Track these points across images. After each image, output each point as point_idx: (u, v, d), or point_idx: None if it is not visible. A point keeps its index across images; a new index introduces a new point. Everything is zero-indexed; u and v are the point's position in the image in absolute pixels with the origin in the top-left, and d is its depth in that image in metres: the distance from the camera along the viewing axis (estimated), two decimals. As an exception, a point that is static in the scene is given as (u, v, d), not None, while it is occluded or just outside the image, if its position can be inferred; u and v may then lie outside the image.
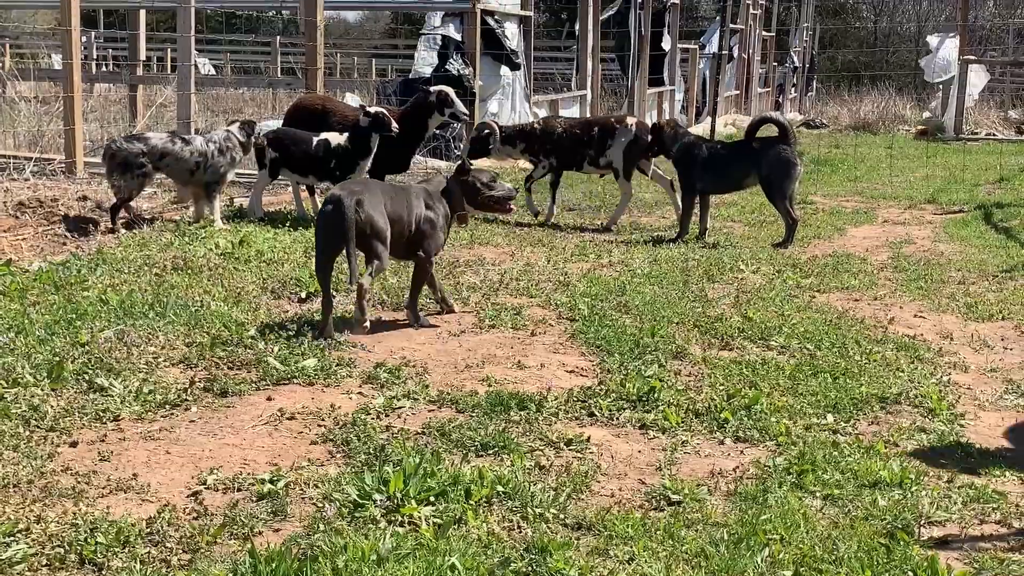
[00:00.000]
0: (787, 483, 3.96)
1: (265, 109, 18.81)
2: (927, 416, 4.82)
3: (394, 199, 5.96)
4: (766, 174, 9.04)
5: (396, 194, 6.04)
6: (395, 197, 5.99)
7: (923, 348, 5.88)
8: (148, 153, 8.28)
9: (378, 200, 5.83)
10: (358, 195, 5.73)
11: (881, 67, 38.52)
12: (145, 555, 3.25)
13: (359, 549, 3.24)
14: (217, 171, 8.55)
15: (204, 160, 8.49)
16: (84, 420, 4.35)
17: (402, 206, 5.97)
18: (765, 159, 9.03)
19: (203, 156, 8.49)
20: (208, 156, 8.51)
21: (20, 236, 7.94)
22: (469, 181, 6.21)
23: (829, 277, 7.71)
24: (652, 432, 4.52)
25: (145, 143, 8.36)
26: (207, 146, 8.53)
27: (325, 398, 4.77)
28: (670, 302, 6.68)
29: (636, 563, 3.30)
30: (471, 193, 6.22)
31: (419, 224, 6.03)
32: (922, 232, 10.14)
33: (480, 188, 6.22)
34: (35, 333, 5.33)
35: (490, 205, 6.33)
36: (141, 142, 8.38)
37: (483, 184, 6.23)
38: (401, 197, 6.02)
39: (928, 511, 3.73)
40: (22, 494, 3.63)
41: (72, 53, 10.17)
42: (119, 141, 8.43)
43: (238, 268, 7.13)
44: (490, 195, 6.23)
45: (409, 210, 6.00)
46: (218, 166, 8.55)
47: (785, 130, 9.17)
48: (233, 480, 3.83)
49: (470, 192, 6.22)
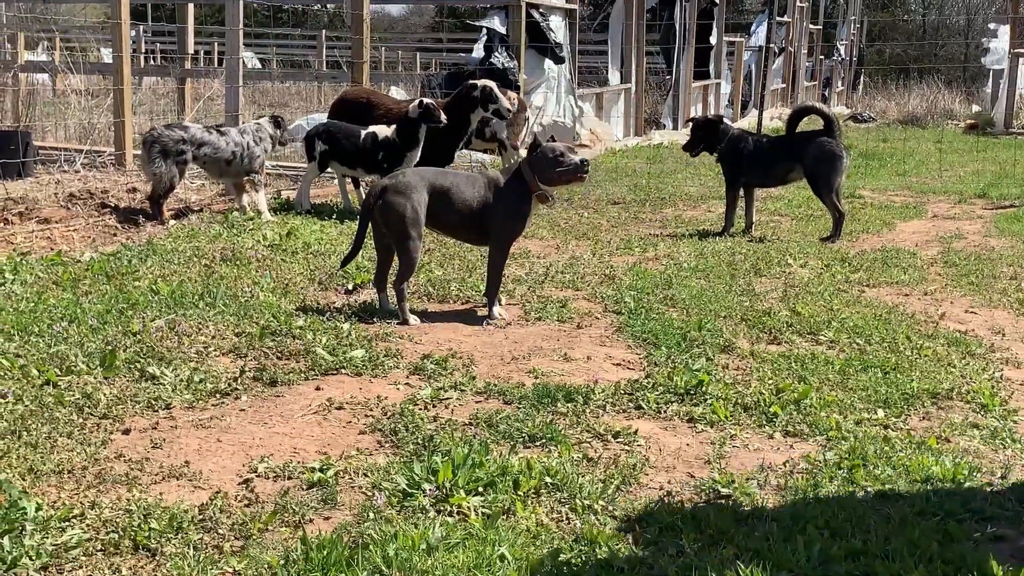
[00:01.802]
0: (838, 478, 3.93)
1: (311, 103, 18.93)
2: (979, 412, 4.76)
3: (453, 188, 5.97)
4: (811, 168, 8.94)
5: (458, 183, 6.03)
6: (455, 186, 6.00)
7: (975, 343, 5.80)
8: (188, 140, 8.37)
9: (417, 190, 5.88)
10: (388, 186, 5.92)
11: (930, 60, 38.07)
12: (198, 541, 3.28)
13: (409, 538, 3.26)
14: (252, 162, 8.64)
15: (240, 151, 8.57)
16: (136, 408, 4.41)
17: (465, 195, 5.98)
18: (809, 152, 8.93)
19: (239, 147, 8.58)
20: (244, 147, 8.59)
21: (71, 227, 8.05)
22: (537, 158, 6.00)
23: (878, 272, 7.63)
24: (700, 425, 4.50)
25: (185, 131, 8.46)
26: (242, 137, 8.62)
27: (373, 388, 4.79)
28: (717, 296, 6.64)
29: (685, 556, 3.28)
30: (542, 170, 5.99)
31: (487, 212, 6.00)
32: (972, 227, 10.01)
33: (548, 163, 5.97)
34: (88, 322, 5.40)
35: (562, 179, 6.03)
36: (181, 130, 8.47)
37: (551, 158, 5.97)
38: (465, 186, 6.03)
39: (982, 507, 3.68)
40: (76, 480, 3.68)
41: (122, 47, 10.29)
42: (159, 128, 8.53)
43: (285, 260, 7.19)
44: (559, 170, 5.97)
45: (474, 199, 5.99)
46: (253, 156, 8.64)
47: (830, 121, 9.03)
48: (283, 468, 3.86)
49: (540, 169, 6.00)
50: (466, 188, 6.04)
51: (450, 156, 9.70)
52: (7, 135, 10.34)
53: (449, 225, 6.15)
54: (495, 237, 6.06)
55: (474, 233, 6.18)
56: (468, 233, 6.22)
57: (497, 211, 6.02)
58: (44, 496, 3.52)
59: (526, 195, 6.04)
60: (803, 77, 28.11)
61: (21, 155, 9.91)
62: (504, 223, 6.04)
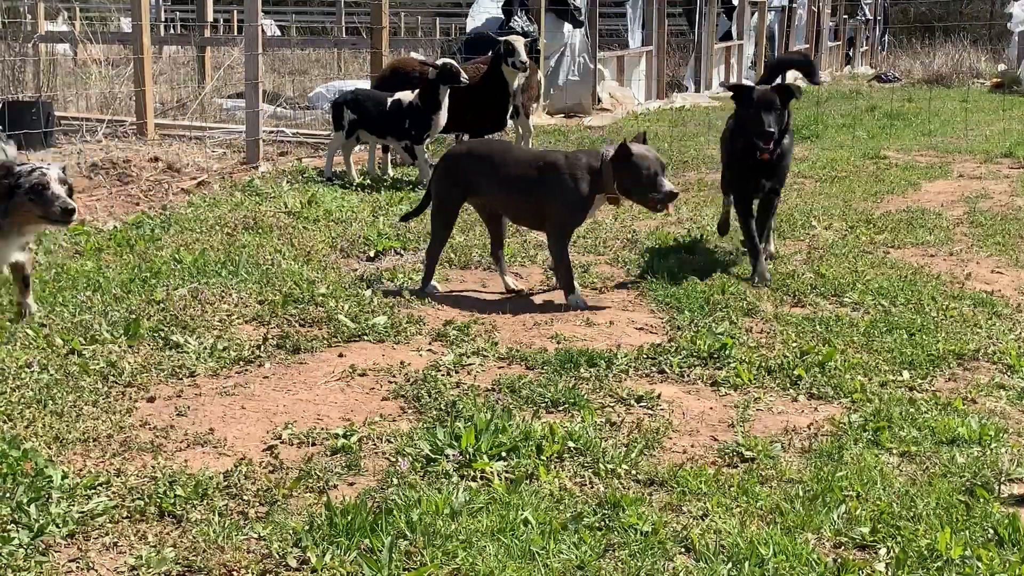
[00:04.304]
0: (863, 440, 3.91)
1: (330, 70, 18.88)
2: (1006, 372, 4.72)
3: (508, 165, 5.68)
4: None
5: (520, 162, 5.70)
6: (512, 163, 5.69)
7: (1001, 304, 5.75)
8: None
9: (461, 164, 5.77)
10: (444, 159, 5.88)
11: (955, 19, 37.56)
12: (223, 507, 3.30)
13: (433, 503, 3.26)
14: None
15: None
16: (161, 376, 4.42)
17: (522, 175, 5.63)
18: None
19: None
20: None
21: (94, 197, 8.07)
22: (628, 169, 5.43)
23: (903, 233, 7.56)
24: (724, 389, 4.48)
25: None
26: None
27: (396, 355, 4.79)
28: (740, 259, 6.60)
29: (710, 519, 3.28)
30: (626, 182, 5.46)
31: (545, 198, 5.60)
32: (999, 186, 9.90)
33: (638, 178, 5.42)
34: (111, 291, 5.42)
35: (643, 201, 5.53)
36: None
37: (645, 176, 5.41)
38: (526, 165, 5.67)
39: (1008, 468, 3.66)
40: (102, 448, 3.70)
41: (141, 15, 10.28)
42: None
43: (307, 227, 7.18)
44: (649, 193, 5.42)
45: (533, 181, 5.61)
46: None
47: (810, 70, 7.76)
48: (307, 435, 3.87)
49: (624, 181, 5.45)
50: (523, 166, 5.66)
51: (502, 120, 9.83)
52: (29, 105, 10.36)
53: (498, 203, 5.82)
54: (550, 226, 5.70)
55: (527, 216, 5.82)
56: (520, 215, 5.86)
57: (555, 198, 5.59)
58: (70, 464, 3.55)
59: (594, 189, 5.58)
60: (827, 37, 27.79)
61: (43, 125, 9.94)
62: (561, 212, 5.63)
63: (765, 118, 6.10)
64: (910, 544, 3.12)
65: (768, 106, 6.15)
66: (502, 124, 9.93)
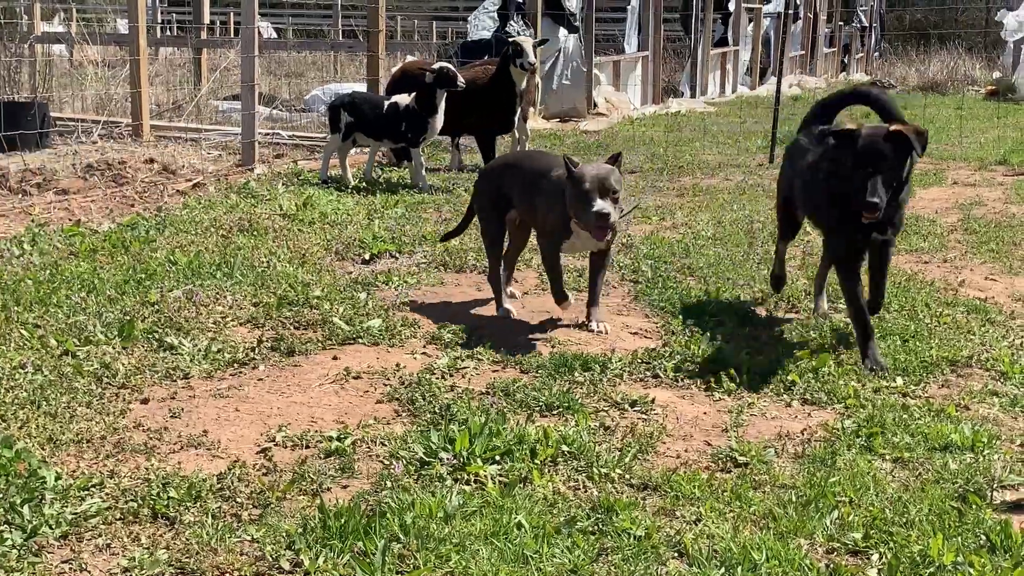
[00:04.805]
0: (856, 446, 3.91)
1: (327, 72, 18.89)
2: (999, 379, 4.73)
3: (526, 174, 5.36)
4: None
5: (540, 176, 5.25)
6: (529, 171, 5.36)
7: (994, 311, 5.76)
8: None
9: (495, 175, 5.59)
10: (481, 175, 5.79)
11: (950, 26, 37.66)
12: (216, 509, 3.30)
13: (426, 506, 3.26)
14: None
15: None
16: (155, 378, 4.42)
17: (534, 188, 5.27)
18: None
19: None
20: None
21: (89, 198, 8.07)
22: (567, 182, 4.91)
23: (898, 239, 7.55)
24: (717, 394, 4.49)
25: None
26: None
27: (390, 358, 4.80)
28: (735, 264, 6.62)
29: (703, 523, 3.28)
30: (568, 201, 4.94)
31: (540, 215, 5.26)
32: (993, 194, 9.92)
33: (572, 199, 4.88)
34: (106, 292, 5.42)
35: (584, 226, 4.92)
36: None
37: (579, 193, 4.82)
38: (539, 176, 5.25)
39: (1001, 475, 3.66)
40: (96, 449, 3.70)
41: (138, 17, 10.28)
42: None
43: (302, 230, 7.19)
44: (582, 217, 4.86)
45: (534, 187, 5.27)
46: None
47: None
48: (301, 437, 3.87)
49: (568, 199, 4.94)
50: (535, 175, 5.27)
51: (509, 122, 9.88)
52: (24, 106, 10.35)
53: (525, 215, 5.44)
54: (539, 230, 5.41)
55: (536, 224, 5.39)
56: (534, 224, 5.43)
57: (541, 201, 5.23)
58: (64, 465, 3.55)
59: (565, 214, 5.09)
60: (822, 44, 27.86)
61: (39, 126, 9.94)
62: (546, 216, 5.24)
63: (871, 184, 4.56)
64: (902, 550, 3.13)
65: (876, 162, 4.60)
66: (510, 126, 9.96)
